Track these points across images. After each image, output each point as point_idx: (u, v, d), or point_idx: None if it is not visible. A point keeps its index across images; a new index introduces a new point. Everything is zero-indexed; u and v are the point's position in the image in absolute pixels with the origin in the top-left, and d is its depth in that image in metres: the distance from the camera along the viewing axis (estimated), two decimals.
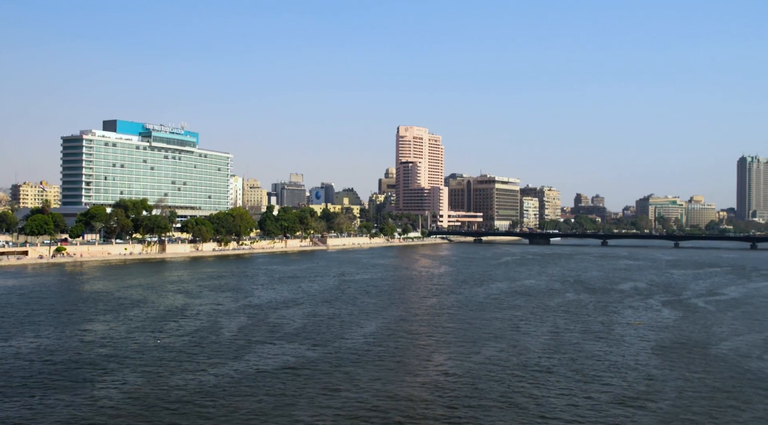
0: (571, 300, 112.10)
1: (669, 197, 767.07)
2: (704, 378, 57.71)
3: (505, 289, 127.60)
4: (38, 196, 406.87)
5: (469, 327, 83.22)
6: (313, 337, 74.76)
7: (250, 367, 59.71)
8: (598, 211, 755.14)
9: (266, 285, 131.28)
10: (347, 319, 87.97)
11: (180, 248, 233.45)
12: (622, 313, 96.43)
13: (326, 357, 64.10)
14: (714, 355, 67.37)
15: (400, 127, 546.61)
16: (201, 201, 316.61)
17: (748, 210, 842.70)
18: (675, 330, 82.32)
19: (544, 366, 61.12)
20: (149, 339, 73.18)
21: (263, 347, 69.05)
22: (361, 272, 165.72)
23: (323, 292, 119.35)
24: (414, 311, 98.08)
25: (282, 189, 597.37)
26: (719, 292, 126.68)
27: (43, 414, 46.31)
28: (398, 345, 71.58)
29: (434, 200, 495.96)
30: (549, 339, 75.36)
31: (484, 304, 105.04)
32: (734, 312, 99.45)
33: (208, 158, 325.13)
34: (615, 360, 63.99)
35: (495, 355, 65.74)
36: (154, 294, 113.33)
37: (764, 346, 72.30)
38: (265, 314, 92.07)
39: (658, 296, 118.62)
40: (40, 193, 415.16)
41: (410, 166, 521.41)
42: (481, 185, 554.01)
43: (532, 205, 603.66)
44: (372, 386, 53.69)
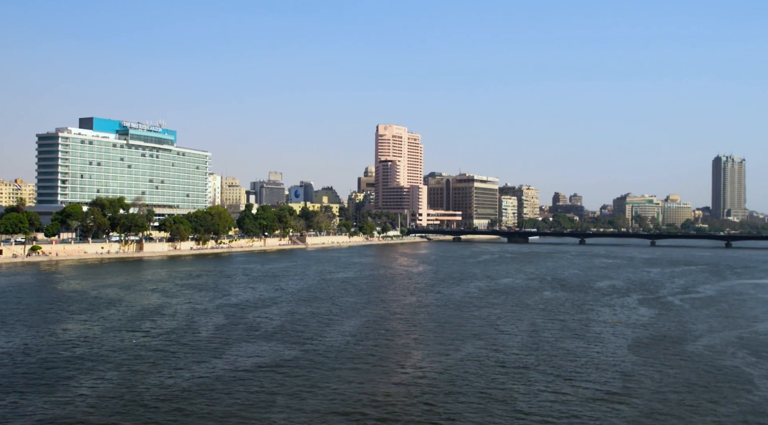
0: (548, 298, 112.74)
1: (646, 196, 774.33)
2: (680, 374, 58.27)
3: (483, 288, 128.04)
4: (13, 194, 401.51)
5: (448, 325, 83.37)
6: (291, 336, 74.49)
7: (227, 367, 59.33)
8: (576, 210, 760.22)
9: (244, 284, 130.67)
10: (325, 318, 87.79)
11: (158, 247, 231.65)
12: (600, 311, 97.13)
13: (304, 356, 63.88)
14: (689, 352, 68.06)
15: (380, 126, 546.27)
16: (179, 199, 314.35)
17: (722, 209, 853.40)
18: (651, 327, 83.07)
19: (522, 364, 61.36)
20: (125, 338, 72.47)
21: (240, 346, 68.67)
22: (339, 271, 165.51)
23: (301, 291, 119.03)
24: (392, 309, 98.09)
25: (261, 187, 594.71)
26: (694, 290, 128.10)
27: (16, 415, 45.62)
28: (377, 343, 71.54)
29: (413, 199, 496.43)
30: (527, 337, 75.69)
31: (463, 303, 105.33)
32: (709, 309, 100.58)
33: (186, 156, 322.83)
34: (592, 358, 64.42)
35: (473, 353, 65.92)
36: (130, 294, 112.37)
37: (738, 343, 73.17)
38: (243, 313, 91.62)
39: (634, 294, 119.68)
40: (15, 191, 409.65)
41: (389, 165, 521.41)
42: (460, 184, 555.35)
43: (510, 204, 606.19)
44: (350, 385, 53.59)
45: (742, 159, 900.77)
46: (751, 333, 79.81)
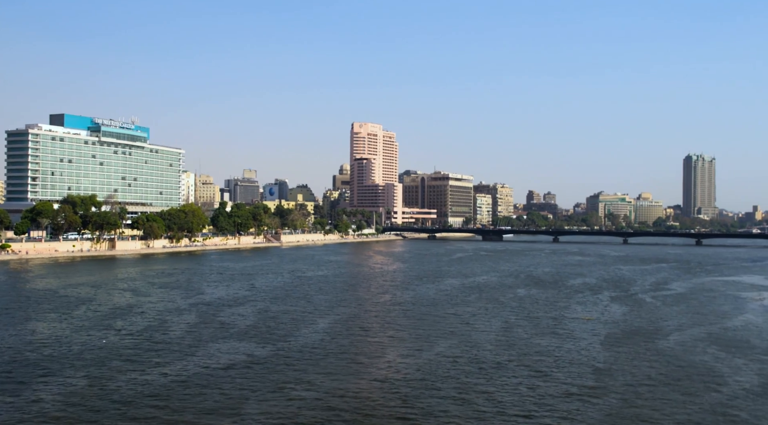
0: (522, 295, 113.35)
1: (618, 194, 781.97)
2: (652, 370, 58.82)
3: (457, 285, 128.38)
4: None
5: (422, 323, 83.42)
6: (264, 334, 74.03)
7: (199, 366, 58.75)
8: (549, 208, 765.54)
9: (217, 282, 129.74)
10: (299, 316, 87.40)
11: (130, 245, 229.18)
12: (573, 308, 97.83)
13: (277, 355, 63.51)
14: (661, 348, 68.76)
15: (355, 124, 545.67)
16: (152, 197, 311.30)
17: (693, 207, 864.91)
18: (624, 324, 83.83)
19: (495, 362, 61.54)
20: (95, 338, 71.45)
21: (213, 345, 68.05)
22: (314, 269, 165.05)
23: (275, 289, 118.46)
24: (367, 307, 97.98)
25: (235, 185, 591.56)
26: (666, 287, 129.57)
27: None
28: (351, 341, 71.37)
29: (388, 197, 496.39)
30: (501, 334, 75.98)
31: (437, 300, 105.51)
32: (680, 306, 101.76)
33: (160, 153, 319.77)
34: (566, 355, 64.81)
35: (447, 351, 66.00)
36: (101, 292, 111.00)
37: (708, 339, 74.08)
38: (216, 312, 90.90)
39: (607, 291, 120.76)
40: None
41: (364, 163, 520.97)
42: (435, 182, 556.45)
43: (485, 202, 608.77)
44: (323, 383, 53.34)
45: (712, 158, 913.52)
46: (721, 330, 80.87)
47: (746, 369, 60.22)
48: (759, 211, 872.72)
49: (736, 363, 62.27)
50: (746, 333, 78.48)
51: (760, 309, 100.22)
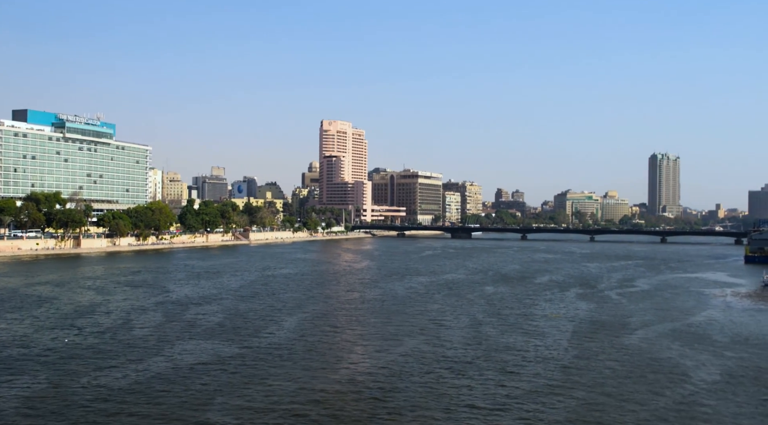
0: (490, 293, 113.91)
1: (585, 192, 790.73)
2: (618, 366, 59.42)
3: (426, 283, 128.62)
4: None
5: (391, 321, 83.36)
6: (231, 333, 73.30)
7: (164, 365, 57.89)
8: (518, 206, 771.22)
9: (184, 280, 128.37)
10: (267, 315, 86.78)
11: (96, 243, 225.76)
12: (541, 305, 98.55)
13: (244, 354, 62.90)
14: (627, 344, 69.54)
15: (324, 121, 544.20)
16: (118, 194, 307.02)
17: (658, 205, 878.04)
18: (590, 321, 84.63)
19: (464, 359, 61.67)
20: (57, 338, 70.01)
21: (179, 344, 67.17)
22: (282, 267, 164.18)
23: (243, 287, 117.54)
24: (335, 306, 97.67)
25: (203, 182, 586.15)
26: (632, 284, 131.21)
27: None
28: (319, 340, 70.99)
29: (358, 194, 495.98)
30: (469, 332, 76.21)
31: (406, 298, 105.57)
32: (645, 303, 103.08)
33: (126, 150, 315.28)
34: (533, 352, 65.21)
35: (415, 349, 66.00)
36: (65, 291, 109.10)
37: (672, 336, 75.13)
38: (182, 310, 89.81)
39: (574, 288, 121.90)
40: None
41: (334, 161, 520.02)
42: (404, 180, 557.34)
43: (454, 200, 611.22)
44: (291, 382, 52.94)
45: (676, 157, 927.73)
46: (685, 326, 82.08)
47: (709, 364, 61.16)
48: (722, 209, 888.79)
49: (700, 359, 63.22)
50: (709, 329, 79.73)
51: (722, 306, 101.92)
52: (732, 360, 63.02)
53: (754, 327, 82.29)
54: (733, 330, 79.27)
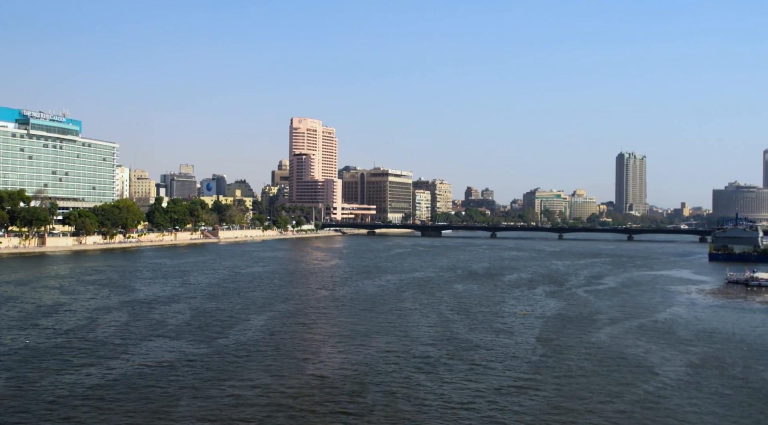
0: (460, 290, 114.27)
1: (554, 191, 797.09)
2: (585, 363, 59.91)
3: (395, 281, 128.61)
4: None
5: (360, 319, 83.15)
6: (197, 333, 72.45)
7: (130, 365, 56.99)
8: (487, 204, 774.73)
9: (151, 279, 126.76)
10: (235, 314, 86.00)
11: (61, 241, 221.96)
12: (509, 303, 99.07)
13: (211, 353, 62.17)
14: (594, 341, 70.17)
15: (294, 119, 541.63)
16: (84, 192, 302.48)
17: (625, 203, 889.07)
18: (558, 318, 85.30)
19: (433, 357, 61.70)
20: (18, 339, 68.61)
21: (144, 344, 66.21)
22: (252, 265, 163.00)
23: (211, 286, 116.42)
24: (304, 304, 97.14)
25: (172, 180, 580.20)
26: (599, 282, 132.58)
27: None
28: (287, 339, 70.52)
29: (328, 192, 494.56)
30: (438, 330, 76.30)
31: (375, 296, 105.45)
32: (612, 300, 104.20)
33: (92, 147, 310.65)
34: (502, 349, 65.49)
35: (384, 347, 65.87)
36: (28, 290, 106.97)
37: (639, 332, 76.04)
38: (149, 309, 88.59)
39: (542, 286, 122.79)
40: None
41: (304, 158, 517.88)
42: (375, 178, 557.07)
43: (424, 198, 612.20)
44: (259, 382, 52.45)
45: (643, 156, 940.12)
46: (651, 322, 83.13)
47: (674, 359, 62.01)
48: (687, 208, 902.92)
49: (666, 354, 64.05)
50: (674, 325, 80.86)
51: (687, 302, 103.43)
52: (696, 356, 63.98)
53: (717, 323, 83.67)
54: (697, 326, 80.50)
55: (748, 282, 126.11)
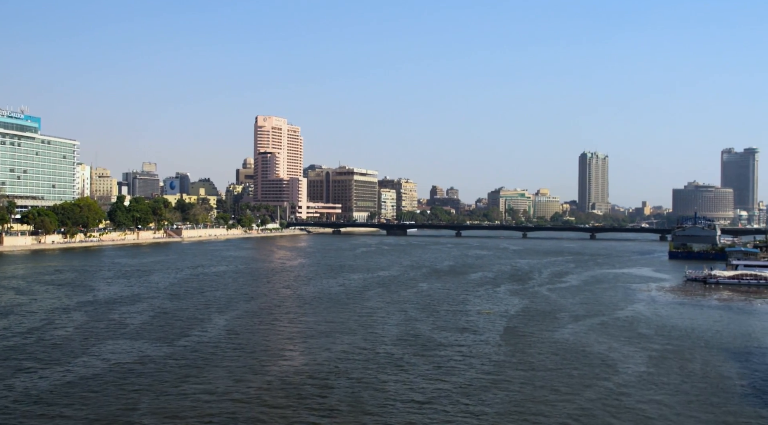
0: (424, 289, 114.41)
1: (518, 190, 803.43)
2: (548, 361, 60.25)
3: (360, 280, 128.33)
4: None
5: (324, 319, 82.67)
6: (158, 333, 71.25)
7: (88, 367, 55.73)
8: (452, 203, 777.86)
9: (112, 279, 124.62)
10: (196, 314, 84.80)
11: (19, 241, 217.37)
12: (473, 302, 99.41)
13: (172, 355, 61.11)
14: (557, 339, 70.70)
15: (259, 117, 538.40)
16: (44, 190, 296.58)
17: (588, 202, 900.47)
18: (522, 317, 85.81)
19: (397, 357, 61.50)
20: None
21: (103, 345, 64.82)
22: (215, 264, 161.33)
23: (173, 286, 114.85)
24: (267, 304, 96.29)
25: (134, 178, 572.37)
26: (562, 280, 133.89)
27: None
28: (251, 339, 69.76)
29: (293, 191, 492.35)
30: (403, 328, 76.19)
31: (340, 295, 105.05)
32: (575, 298, 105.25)
33: (52, 145, 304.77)
34: (466, 348, 65.60)
35: (348, 348, 65.51)
36: None
37: (601, 329, 76.86)
38: (108, 310, 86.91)
39: (506, 285, 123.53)
40: None
41: (269, 157, 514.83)
42: (340, 177, 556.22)
43: (389, 197, 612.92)
44: (221, 383, 51.68)
45: (605, 155, 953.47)
46: (613, 320, 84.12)
47: (636, 356, 62.77)
48: (647, 207, 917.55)
49: (627, 351, 64.82)
50: (635, 323, 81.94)
51: (647, 300, 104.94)
52: (657, 352, 64.89)
53: (677, 319, 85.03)
54: (657, 323, 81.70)
55: (706, 280, 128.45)
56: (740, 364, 60.80)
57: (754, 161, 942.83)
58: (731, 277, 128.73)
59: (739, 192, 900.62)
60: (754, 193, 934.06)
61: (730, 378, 55.70)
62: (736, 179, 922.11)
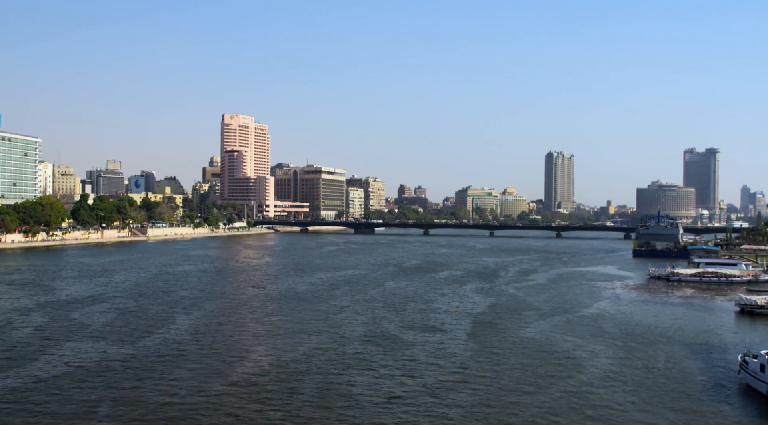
0: (391, 288, 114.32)
1: (485, 189, 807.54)
2: (514, 360, 60.47)
3: (327, 279, 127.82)
4: None
5: (290, 318, 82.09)
6: (120, 334, 69.95)
7: (47, 370, 54.51)
8: (420, 202, 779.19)
9: (74, 279, 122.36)
10: (161, 314, 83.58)
11: None
12: (440, 301, 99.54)
13: (134, 356, 60.00)
14: (523, 338, 71.05)
15: (225, 115, 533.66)
16: (4, 188, 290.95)
17: (554, 201, 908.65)
18: (488, 315, 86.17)
19: (363, 356, 61.22)
20: None
21: (61, 347, 63.38)
22: (180, 263, 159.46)
23: (137, 286, 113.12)
24: (233, 304, 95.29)
25: (98, 176, 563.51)
26: (528, 278, 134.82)
27: None
28: (216, 339, 68.90)
29: (260, 190, 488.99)
30: (370, 327, 75.98)
31: (306, 295, 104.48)
32: (541, 296, 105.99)
33: (13, 142, 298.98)
34: (434, 347, 65.57)
35: (314, 347, 65.07)
36: None
37: (566, 327, 77.49)
38: (69, 310, 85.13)
39: (473, 283, 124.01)
40: None
41: (236, 155, 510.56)
42: (308, 175, 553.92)
43: (357, 196, 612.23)
44: (185, 384, 50.88)
45: (571, 155, 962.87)
46: (578, 318, 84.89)
47: (601, 353, 63.37)
48: (612, 205, 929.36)
49: (592, 349, 65.42)
50: (600, 320, 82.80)
51: (612, 297, 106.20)
52: (621, 349, 65.62)
53: (640, 316, 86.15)
54: (621, 320, 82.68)
55: (669, 278, 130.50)
56: (701, 360, 61.78)
57: (715, 161, 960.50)
58: (693, 275, 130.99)
59: (701, 191, 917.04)
60: (715, 192, 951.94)
61: (692, 374, 56.56)
62: (698, 179, 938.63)
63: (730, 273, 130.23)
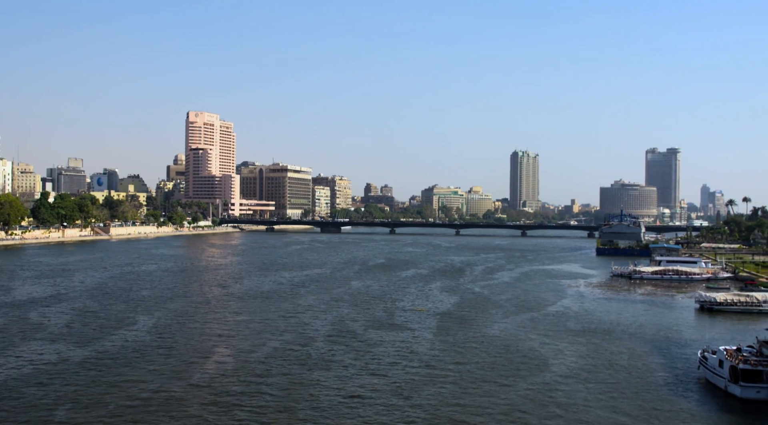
0: (357, 287, 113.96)
1: (451, 188, 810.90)
2: (481, 357, 60.58)
3: (292, 278, 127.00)
4: None
5: (254, 318, 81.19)
6: (79, 336, 68.26)
7: (0, 373, 53.49)
8: (386, 200, 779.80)
9: (32, 279, 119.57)
10: (121, 314, 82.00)
11: None
12: (406, 300, 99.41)
13: (93, 358, 58.61)
14: (489, 336, 71.26)
15: (190, 113, 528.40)
16: None
17: (519, 200, 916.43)
18: (454, 314, 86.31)
19: (329, 357, 60.68)
20: None
21: (16, 349, 61.76)
22: (144, 263, 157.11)
23: (98, 285, 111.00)
24: (196, 303, 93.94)
25: (59, 174, 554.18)
26: (493, 277, 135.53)
27: None
28: (177, 340, 67.72)
29: (226, 188, 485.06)
30: (335, 327, 75.54)
31: (271, 294, 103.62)
32: (505, 294, 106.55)
33: None
34: (399, 346, 65.31)
35: (279, 348, 64.37)
36: None
37: (530, 325, 77.97)
38: (25, 311, 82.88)
39: (438, 281, 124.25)
40: None
41: (201, 153, 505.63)
42: (274, 174, 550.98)
43: (323, 194, 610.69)
44: (146, 386, 49.86)
45: (536, 154, 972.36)
46: (543, 315, 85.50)
47: (565, 351, 63.86)
48: (576, 204, 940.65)
49: (557, 346, 65.88)
50: (564, 318, 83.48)
51: (576, 295, 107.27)
52: (585, 346, 66.19)
53: (604, 314, 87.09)
54: (585, 318, 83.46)
55: (631, 276, 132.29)
56: (662, 356, 62.65)
57: (676, 161, 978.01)
58: (655, 273, 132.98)
59: (663, 190, 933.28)
60: (676, 192, 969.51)
61: (653, 369, 57.31)
62: (660, 178, 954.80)
63: (691, 271, 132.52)
